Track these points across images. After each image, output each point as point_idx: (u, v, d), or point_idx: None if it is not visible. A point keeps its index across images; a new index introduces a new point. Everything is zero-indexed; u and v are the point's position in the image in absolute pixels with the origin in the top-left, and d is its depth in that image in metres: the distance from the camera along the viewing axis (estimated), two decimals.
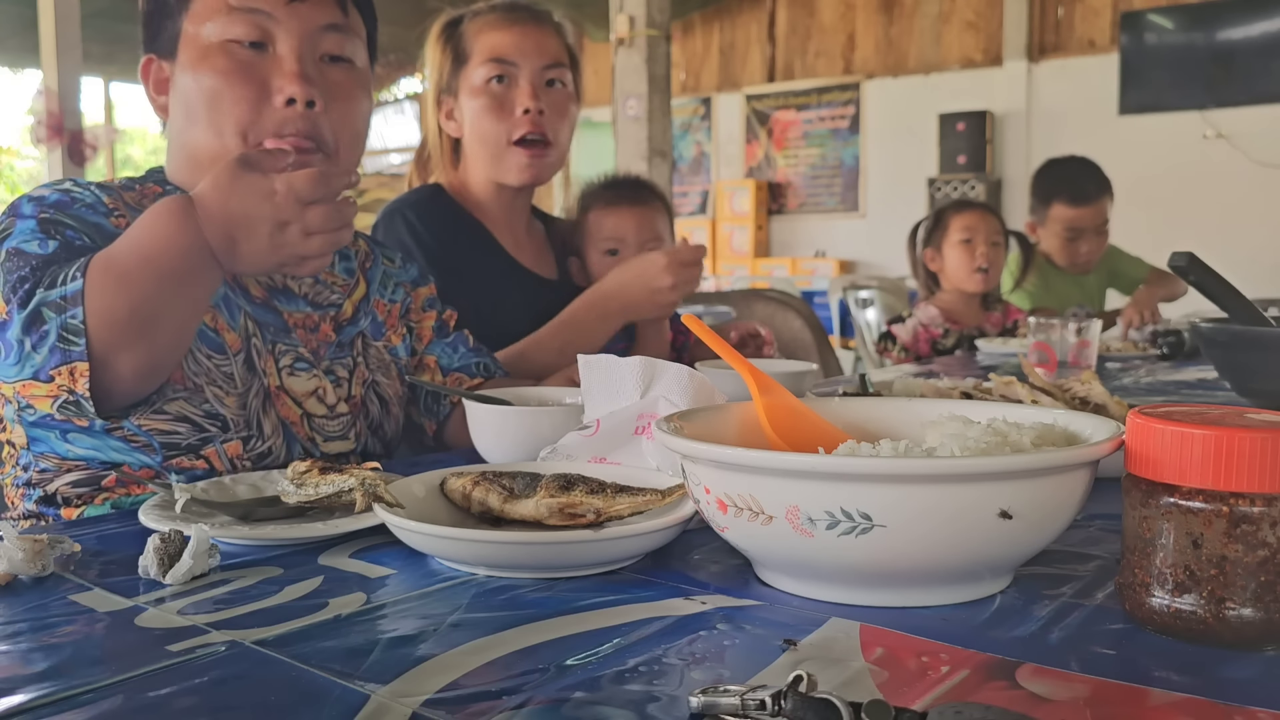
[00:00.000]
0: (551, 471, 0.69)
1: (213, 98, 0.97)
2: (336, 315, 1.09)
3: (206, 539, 0.61)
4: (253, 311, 1.01)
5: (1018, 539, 0.53)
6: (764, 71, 8.22)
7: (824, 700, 0.39)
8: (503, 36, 1.44)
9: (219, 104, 0.97)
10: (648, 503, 0.64)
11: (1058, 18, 6.99)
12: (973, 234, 2.45)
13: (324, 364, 1.05)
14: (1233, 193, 6.30)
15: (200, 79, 0.97)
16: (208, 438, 0.94)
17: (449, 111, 1.49)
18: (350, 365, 1.08)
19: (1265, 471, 0.47)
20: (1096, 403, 0.90)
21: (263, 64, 0.98)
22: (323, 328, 1.07)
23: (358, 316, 1.12)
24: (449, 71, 1.47)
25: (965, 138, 7.06)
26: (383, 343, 1.14)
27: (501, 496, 0.67)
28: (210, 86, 0.97)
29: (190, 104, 0.99)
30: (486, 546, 0.60)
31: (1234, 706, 0.42)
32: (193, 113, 0.98)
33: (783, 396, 0.70)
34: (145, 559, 0.60)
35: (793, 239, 8.18)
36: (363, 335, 1.11)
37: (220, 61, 0.97)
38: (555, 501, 0.64)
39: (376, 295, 1.16)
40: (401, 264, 1.22)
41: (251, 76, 0.97)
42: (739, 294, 2.65)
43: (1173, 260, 1.18)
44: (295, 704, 0.43)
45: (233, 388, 0.96)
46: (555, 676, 0.46)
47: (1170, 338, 1.97)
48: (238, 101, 0.97)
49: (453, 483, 0.70)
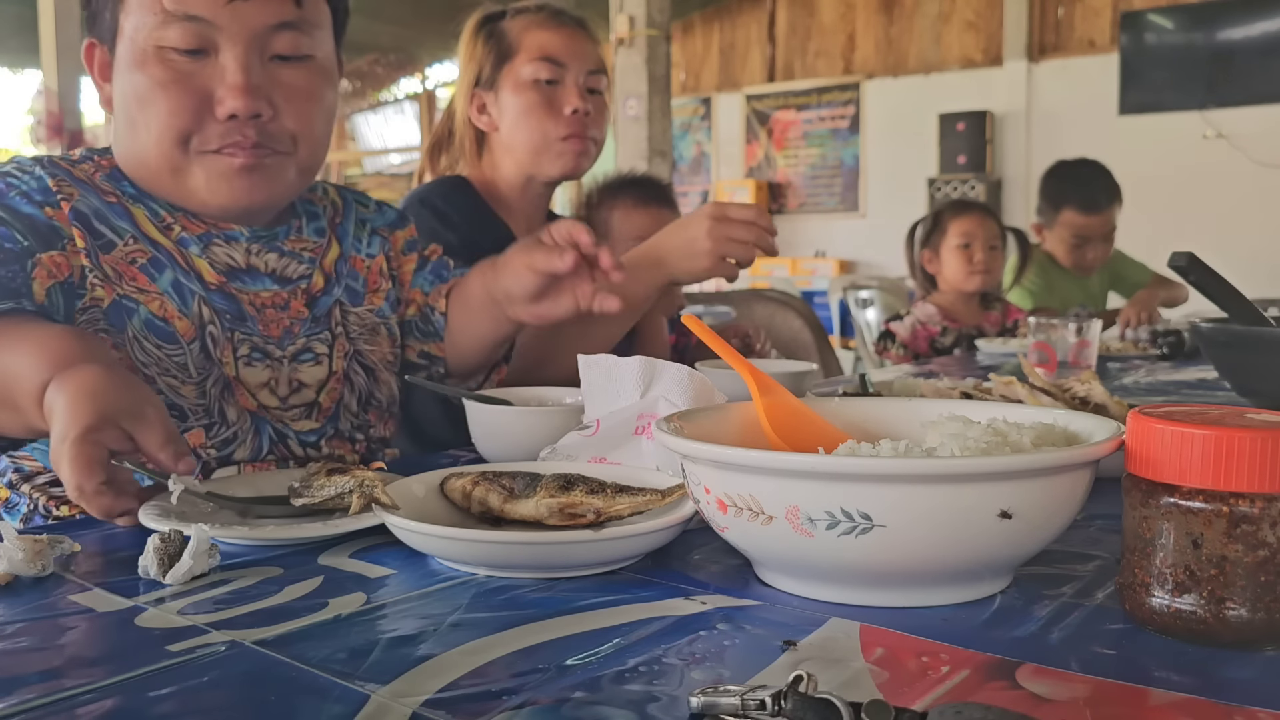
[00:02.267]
0: (551, 471, 0.69)
1: (149, 105, 0.91)
2: (309, 287, 1.04)
3: (207, 539, 0.61)
4: (208, 298, 0.96)
5: (1018, 539, 0.53)
6: (764, 71, 8.22)
7: (824, 700, 0.39)
8: (552, 37, 1.46)
9: (156, 113, 0.91)
10: (648, 503, 0.64)
11: (1058, 18, 6.99)
12: (971, 239, 2.45)
13: (299, 341, 1.01)
14: (1233, 193, 6.30)
15: (136, 83, 0.91)
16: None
17: (481, 105, 1.49)
18: (329, 340, 1.03)
19: (1265, 471, 0.47)
20: (1096, 403, 0.90)
21: (203, 72, 0.91)
22: (293, 304, 1.02)
23: (331, 284, 1.06)
24: (490, 66, 1.47)
25: (965, 138, 7.05)
26: (365, 307, 1.08)
27: (501, 496, 0.67)
28: (146, 94, 0.91)
29: (129, 106, 0.92)
30: (486, 546, 0.60)
31: (1234, 706, 0.42)
32: (131, 116, 0.93)
33: (783, 396, 0.70)
34: (145, 559, 0.60)
35: (793, 239, 8.17)
36: (339, 304, 1.06)
37: (156, 70, 0.90)
38: (555, 501, 0.64)
39: (352, 252, 1.10)
40: (377, 207, 1.17)
41: (189, 88, 0.90)
42: (739, 294, 2.65)
43: (1172, 260, 1.18)
44: (295, 704, 0.43)
45: (188, 377, 0.92)
46: (555, 676, 0.46)
47: (1170, 338, 1.97)
48: (175, 113, 0.90)
49: (453, 483, 0.70)
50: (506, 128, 1.47)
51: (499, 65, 1.46)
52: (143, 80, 0.90)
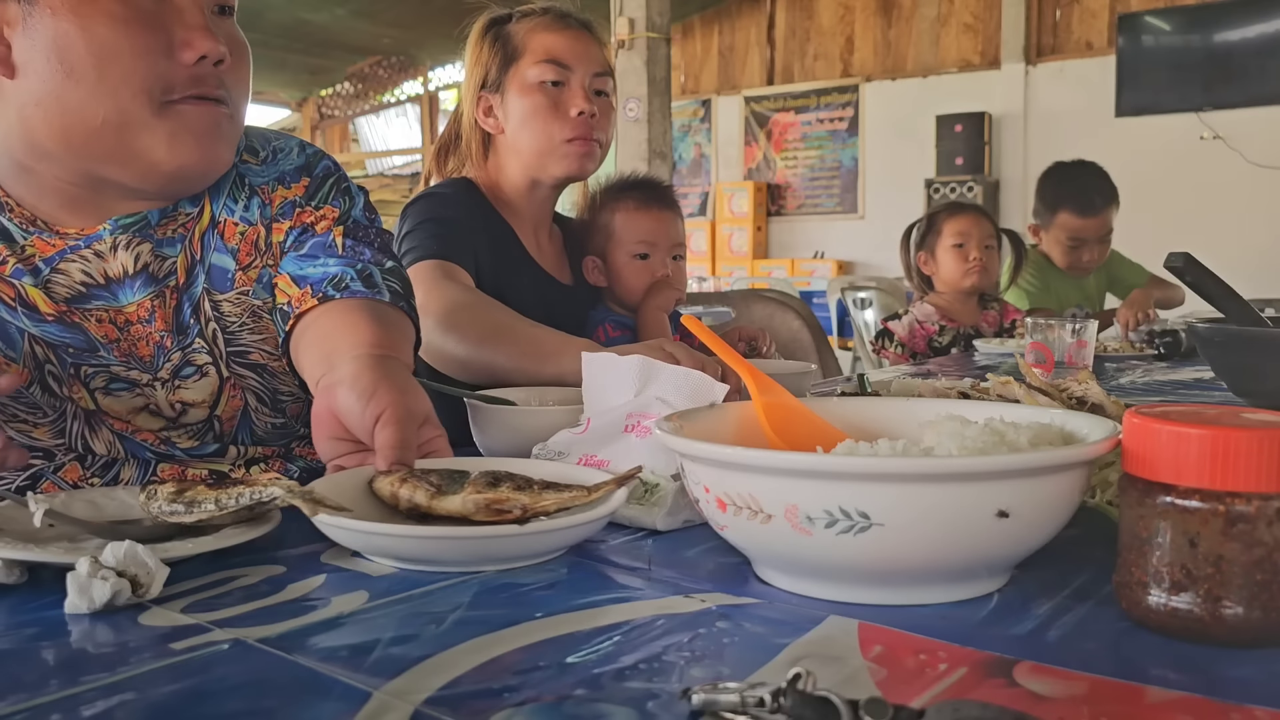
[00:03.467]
0: (480, 469, 0.70)
1: (108, 51, 0.80)
2: (175, 284, 0.91)
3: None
4: (42, 334, 0.86)
5: (1015, 538, 0.53)
6: (763, 74, 8.23)
7: (823, 698, 0.39)
8: (558, 39, 1.46)
9: (117, 59, 0.80)
10: (574, 499, 0.65)
11: (1055, 20, 7.00)
12: (966, 239, 2.45)
13: (174, 356, 0.90)
14: (1229, 194, 6.31)
15: (90, 28, 0.80)
16: (37, 472, 0.85)
17: (488, 108, 1.49)
18: (206, 347, 0.91)
19: (1261, 471, 0.47)
20: (1093, 402, 0.90)
21: (162, 13, 0.83)
22: (159, 313, 0.90)
23: (195, 270, 0.91)
24: (496, 68, 1.47)
25: (963, 139, 7.06)
26: (235, 290, 0.92)
27: (429, 493, 0.67)
28: (104, 38, 0.80)
29: (72, 58, 0.80)
30: (413, 541, 0.61)
31: (1230, 705, 0.43)
32: (76, 69, 0.80)
33: (782, 396, 0.71)
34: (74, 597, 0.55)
35: (792, 240, 8.18)
36: (207, 294, 0.91)
37: (115, 8, 0.80)
38: (482, 497, 0.65)
39: (225, 215, 0.93)
40: (270, 156, 0.97)
41: (155, 26, 0.82)
42: (738, 294, 2.66)
43: (1169, 261, 1.19)
44: (298, 702, 0.44)
45: (41, 416, 0.86)
46: (556, 674, 0.46)
47: (1167, 338, 1.98)
48: (141, 55, 0.81)
49: (380, 481, 0.70)
50: (512, 130, 1.47)
51: (505, 68, 1.47)
52: (99, 23, 0.80)
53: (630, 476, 0.68)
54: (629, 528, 0.72)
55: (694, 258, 8.11)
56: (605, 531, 0.71)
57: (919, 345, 2.46)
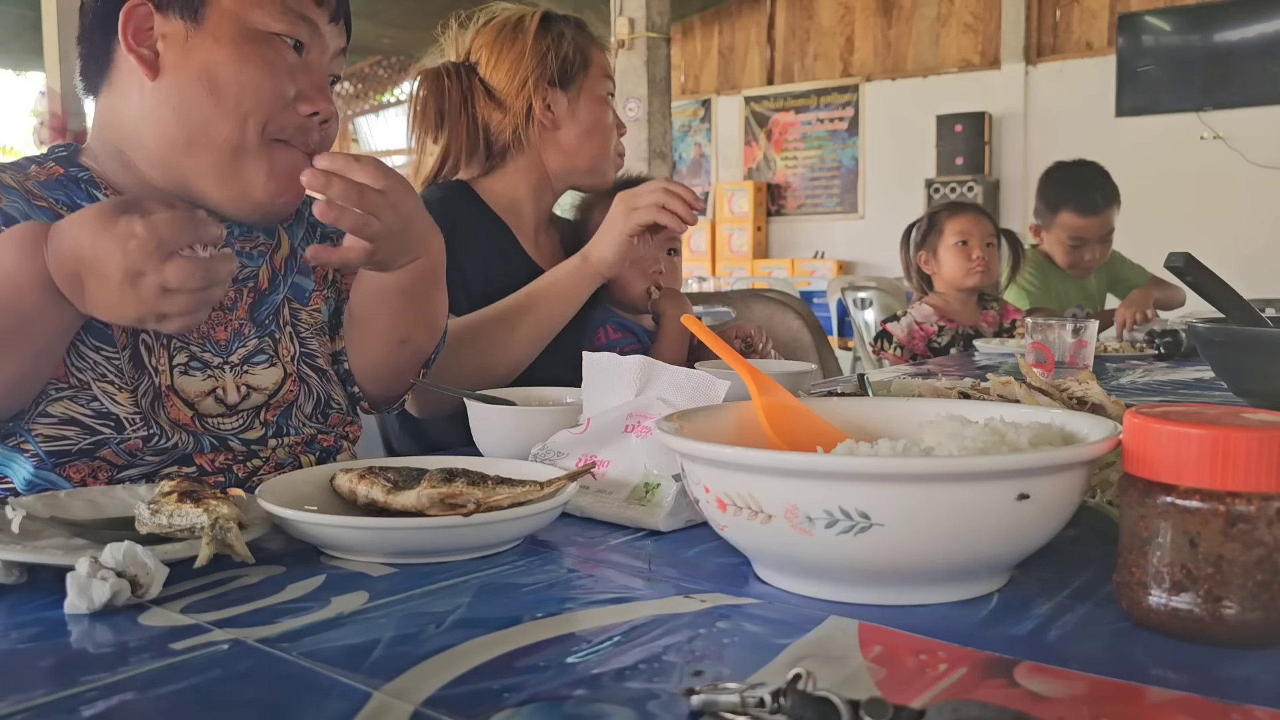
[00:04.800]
0: (435, 465, 0.71)
1: (250, 86, 0.91)
2: (256, 285, 1.01)
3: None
4: None
5: (1015, 537, 0.53)
6: (763, 74, 8.23)
7: (823, 698, 0.39)
8: (606, 57, 1.55)
9: (254, 93, 0.91)
10: (527, 493, 0.66)
11: (1055, 20, 7.00)
12: (968, 237, 2.45)
13: (250, 343, 0.99)
14: (1229, 194, 6.31)
15: (243, 64, 0.91)
16: (101, 440, 0.87)
17: (548, 102, 1.47)
18: (275, 341, 1.01)
19: (1261, 471, 0.47)
20: (1094, 402, 0.90)
21: (298, 69, 0.95)
22: (239, 306, 1.00)
23: (278, 281, 1.03)
24: (568, 68, 1.48)
25: (963, 139, 7.07)
26: (311, 307, 1.06)
27: (385, 489, 0.68)
28: (252, 75, 0.91)
29: (221, 82, 0.91)
30: (368, 533, 0.63)
31: (1231, 705, 0.43)
32: (219, 90, 0.91)
33: (782, 396, 0.71)
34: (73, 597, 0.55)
35: (792, 240, 8.19)
36: (287, 302, 1.04)
37: (268, 52, 0.92)
38: (436, 492, 0.66)
39: (301, 248, 1.06)
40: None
41: (291, 77, 0.94)
42: (738, 294, 2.66)
43: (1170, 260, 1.19)
44: (298, 702, 0.44)
45: (125, 383, 0.89)
46: (556, 674, 0.46)
47: (1167, 338, 1.98)
48: (274, 96, 0.92)
49: (340, 478, 0.72)
50: (576, 133, 1.49)
51: (578, 71, 1.49)
52: (252, 60, 0.91)
53: (583, 473, 0.71)
54: (629, 528, 0.72)
55: (694, 258, 8.12)
56: (605, 532, 0.71)
57: (918, 346, 2.46)
